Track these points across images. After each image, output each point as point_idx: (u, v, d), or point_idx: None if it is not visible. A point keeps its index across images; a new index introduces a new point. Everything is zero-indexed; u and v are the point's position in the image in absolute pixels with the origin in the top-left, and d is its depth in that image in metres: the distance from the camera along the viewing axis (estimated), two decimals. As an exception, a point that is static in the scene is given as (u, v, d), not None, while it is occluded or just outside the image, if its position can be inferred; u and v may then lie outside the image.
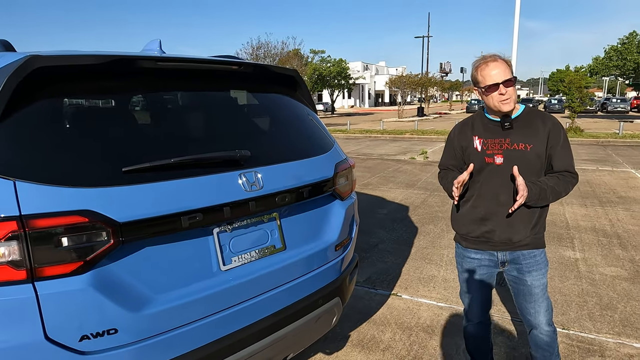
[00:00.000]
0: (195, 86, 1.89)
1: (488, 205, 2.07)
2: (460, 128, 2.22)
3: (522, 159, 1.99)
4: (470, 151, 2.10)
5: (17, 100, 1.43)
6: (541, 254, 2.13)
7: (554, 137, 2.02)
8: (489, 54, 2.02)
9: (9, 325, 1.31)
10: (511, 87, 1.96)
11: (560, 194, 2.02)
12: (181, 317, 1.56)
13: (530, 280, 2.10)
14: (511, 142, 2.01)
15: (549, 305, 2.15)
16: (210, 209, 1.61)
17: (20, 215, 1.30)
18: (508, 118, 2.03)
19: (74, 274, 1.36)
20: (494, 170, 2.04)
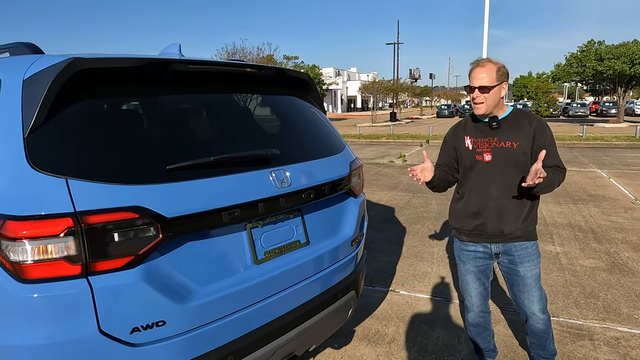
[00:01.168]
0: (223, 88, 1.96)
1: (479, 200, 2.21)
2: (454, 130, 2.36)
3: (509, 156, 2.13)
4: (462, 150, 2.25)
5: (62, 100, 1.47)
6: (532, 246, 2.25)
7: (540, 136, 2.15)
8: (483, 59, 2.17)
9: (65, 319, 1.34)
10: (486, 93, 2.09)
11: (555, 186, 2.16)
12: (221, 309, 1.62)
13: (523, 271, 2.24)
14: (499, 140, 2.16)
15: (542, 295, 2.29)
16: (246, 205, 1.69)
17: (75, 211, 1.34)
18: (495, 118, 2.17)
19: (125, 268, 1.41)
20: (484, 167, 2.18)
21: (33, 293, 1.32)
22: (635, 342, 2.91)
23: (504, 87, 2.16)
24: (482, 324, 2.48)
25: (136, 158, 1.53)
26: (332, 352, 2.87)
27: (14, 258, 1.32)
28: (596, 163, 11.09)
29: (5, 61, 1.87)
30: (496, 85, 2.10)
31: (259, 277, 1.76)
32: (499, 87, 2.12)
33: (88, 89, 1.54)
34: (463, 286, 2.44)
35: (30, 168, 1.37)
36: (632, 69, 25.65)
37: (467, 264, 2.36)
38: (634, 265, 4.25)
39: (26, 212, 1.32)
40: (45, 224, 1.32)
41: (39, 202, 1.34)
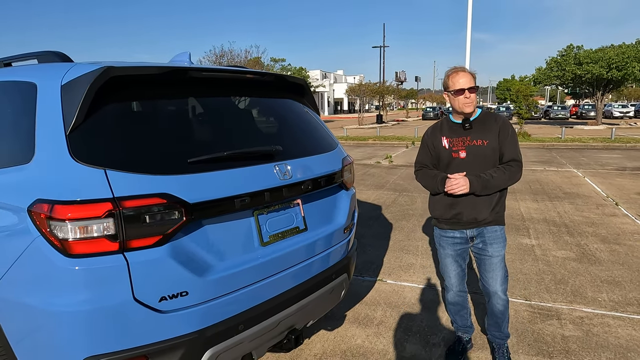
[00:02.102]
0: (232, 92, 2.22)
1: None
2: (432, 131, 2.65)
3: (481, 152, 2.44)
4: (440, 149, 2.54)
5: (97, 103, 1.71)
6: (501, 230, 2.57)
7: (503, 133, 2.46)
8: (459, 66, 2.50)
9: (105, 288, 1.59)
10: (474, 93, 2.44)
11: (507, 182, 2.43)
12: (234, 284, 1.88)
13: (491, 251, 2.54)
14: (471, 139, 2.46)
15: (505, 276, 2.57)
16: (254, 194, 1.95)
17: (113, 197, 1.59)
18: (468, 120, 2.47)
19: (155, 246, 1.66)
20: (460, 163, 2.48)
21: (78, 266, 1.56)
22: (597, 320, 3.24)
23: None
24: (461, 302, 2.76)
25: (162, 152, 1.78)
26: (325, 333, 3.14)
27: (62, 236, 1.55)
28: (573, 163, 11.58)
29: (37, 68, 2.10)
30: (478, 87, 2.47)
31: (265, 257, 2.02)
32: None
33: (119, 93, 1.79)
34: (443, 269, 2.73)
35: (73, 161, 1.61)
36: (609, 73, 26.54)
37: (447, 248, 2.65)
38: (601, 255, 4.61)
39: (73, 198, 1.56)
40: (89, 207, 1.56)
41: (83, 189, 1.58)
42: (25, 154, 1.77)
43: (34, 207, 1.60)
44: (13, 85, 2.08)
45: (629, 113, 39.05)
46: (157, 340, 1.69)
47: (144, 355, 1.68)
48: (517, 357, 2.78)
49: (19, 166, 1.78)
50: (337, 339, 3.05)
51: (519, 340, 2.99)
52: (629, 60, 25.92)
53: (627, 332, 3.07)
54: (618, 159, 12.27)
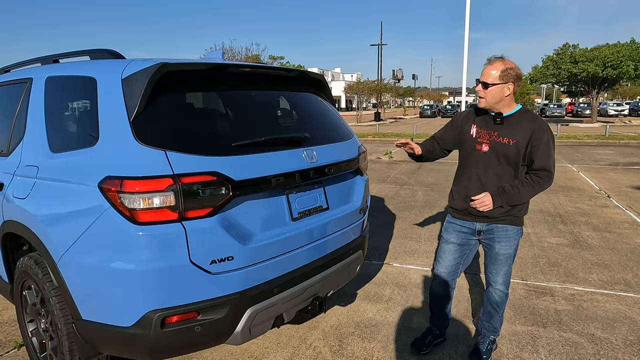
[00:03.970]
0: (263, 86, 2.50)
1: (472, 185, 2.44)
2: (467, 115, 2.56)
3: (503, 150, 2.32)
4: (467, 136, 2.47)
5: (155, 94, 1.99)
6: (514, 229, 2.44)
7: (537, 137, 2.28)
8: (499, 56, 2.32)
9: (167, 251, 1.86)
10: (486, 89, 2.28)
11: (534, 194, 2.35)
12: (269, 252, 2.16)
13: (498, 248, 2.47)
14: (498, 135, 2.33)
15: (508, 272, 2.52)
16: (287, 174, 2.23)
17: (173, 173, 1.87)
18: (500, 115, 2.34)
19: (207, 216, 1.94)
20: (481, 157, 2.39)
21: (144, 232, 1.83)
22: (587, 297, 3.55)
23: (509, 88, 2.27)
24: (444, 295, 2.69)
25: (211, 136, 2.06)
26: (339, 308, 3.43)
27: (131, 206, 1.83)
28: (568, 159, 11.93)
29: (93, 64, 2.37)
30: (497, 84, 2.26)
31: (295, 230, 2.30)
32: (501, 86, 2.26)
33: (172, 85, 2.06)
34: (438, 255, 2.68)
35: (137, 143, 1.89)
36: (605, 72, 26.93)
37: (451, 234, 2.60)
38: (593, 241, 4.93)
39: (139, 174, 1.84)
40: (153, 182, 1.84)
41: (148, 167, 1.85)
42: (88, 139, 2.05)
43: (105, 182, 1.88)
44: (70, 80, 2.35)
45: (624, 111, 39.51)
46: (207, 297, 1.97)
47: (196, 310, 1.96)
48: (514, 328, 3.08)
49: (83, 149, 2.06)
50: (350, 313, 3.34)
51: (516, 313, 3.29)
52: (624, 59, 26.32)
53: (614, 306, 3.38)
54: (612, 155, 12.62)
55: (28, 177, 2.33)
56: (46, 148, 2.30)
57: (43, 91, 2.49)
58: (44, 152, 2.31)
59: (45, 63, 2.87)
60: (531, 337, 2.95)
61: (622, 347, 2.81)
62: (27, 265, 2.35)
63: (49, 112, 2.40)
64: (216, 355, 2.78)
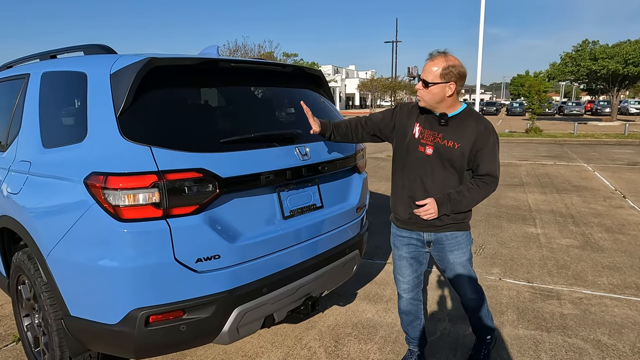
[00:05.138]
0: (256, 81, 2.45)
1: (414, 190, 2.22)
2: (411, 109, 2.29)
3: (448, 154, 2.13)
4: (409, 134, 2.22)
5: (142, 89, 1.96)
6: (463, 235, 2.29)
7: (482, 141, 2.11)
8: (442, 50, 2.11)
9: (151, 249, 1.84)
10: (425, 88, 2.07)
11: (480, 200, 2.20)
12: (259, 250, 2.12)
13: (452, 258, 2.29)
14: (442, 137, 2.14)
15: (471, 278, 2.34)
16: (277, 172, 2.18)
17: (158, 170, 1.84)
18: (445, 115, 2.14)
19: (192, 214, 1.90)
20: (424, 159, 2.18)
21: (128, 229, 1.81)
22: (595, 301, 3.43)
23: (451, 87, 2.06)
24: (413, 312, 2.49)
25: (198, 132, 2.02)
26: (338, 308, 3.38)
27: (115, 203, 1.81)
28: (584, 158, 11.63)
29: (85, 59, 2.36)
30: (438, 83, 2.04)
31: (286, 229, 2.26)
32: (442, 86, 2.05)
33: (160, 80, 2.03)
34: (395, 272, 2.47)
35: (123, 139, 1.86)
36: (626, 69, 26.22)
37: (401, 249, 2.39)
38: (604, 244, 4.77)
39: (124, 170, 1.81)
40: (137, 178, 1.81)
41: (132, 163, 1.83)
42: (77, 134, 2.03)
43: (90, 178, 1.86)
44: (64, 75, 2.34)
45: (646, 109, 38.46)
46: (193, 296, 1.94)
47: (182, 309, 1.93)
48: (516, 332, 2.99)
49: (73, 145, 2.04)
50: (348, 313, 3.29)
51: (519, 317, 3.19)
52: (646, 55, 25.57)
53: (623, 311, 3.25)
54: (630, 155, 12.27)
55: (21, 172, 2.34)
56: (39, 143, 2.30)
57: (38, 87, 2.49)
58: (37, 147, 2.31)
59: (44, 59, 2.88)
60: (534, 341, 2.86)
61: (630, 355, 2.70)
62: (21, 261, 2.36)
63: (43, 107, 2.40)
64: (210, 353, 2.76)
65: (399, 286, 2.49)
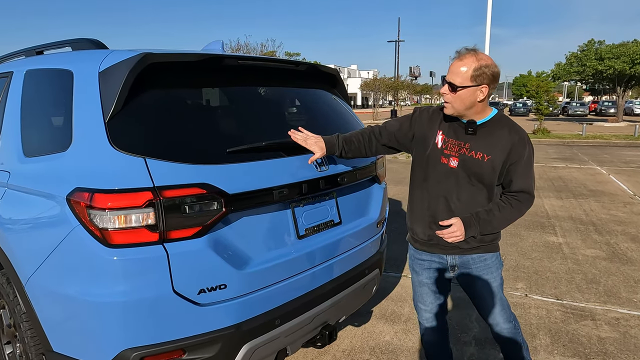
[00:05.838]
0: (267, 81, 2.16)
1: (436, 208, 1.94)
2: (432, 114, 2.00)
3: (476, 168, 1.86)
4: (430, 144, 1.94)
5: (136, 90, 1.67)
6: (492, 257, 2.01)
7: (517, 153, 1.85)
8: (471, 48, 1.81)
9: (145, 280, 1.55)
10: (453, 93, 1.79)
11: (513, 220, 1.95)
12: (271, 277, 1.83)
13: (481, 284, 2.00)
14: (470, 148, 1.86)
15: (504, 305, 2.04)
16: (292, 185, 1.89)
17: (154, 186, 1.55)
18: (473, 123, 1.87)
19: (194, 237, 1.61)
20: (448, 173, 1.90)
21: (118, 256, 1.52)
22: (634, 322, 3.13)
23: (482, 91, 1.79)
24: (439, 343, 2.22)
25: (201, 141, 1.73)
26: (353, 329, 3.09)
27: (102, 226, 1.52)
28: (596, 160, 11.32)
29: (72, 55, 2.07)
30: (468, 87, 1.77)
31: (301, 250, 1.97)
32: (473, 89, 1.77)
33: (157, 80, 1.75)
34: (416, 299, 2.18)
35: (113, 149, 1.57)
36: (633, 69, 25.87)
37: (421, 274, 2.11)
38: (633, 255, 4.47)
39: (112, 186, 1.52)
40: (129, 196, 1.52)
41: (123, 177, 1.54)
42: (62, 142, 1.75)
43: (74, 195, 1.57)
44: (48, 73, 2.06)
45: (651, 110, 38.08)
46: (194, 333, 1.65)
47: (181, 348, 1.65)
48: (552, 359, 2.70)
49: (56, 154, 1.76)
50: (365, 335, 3.00)
51: (554, 340, 2.90)
52: (653, 55, 25.23)
53: (667, 334, 2.96)
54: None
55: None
56: (20, 151, 2.01)
57: (21, 86, 2.20)
58: (17, 155, 2.02)
59: (29, 55, 2.59)
60: (573, 371, 2.57)
61: (683, 388, 2.41)
62: (0, 284, 2.07)
63: (26, 109, 2.11)
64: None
65: (421, 315, 2.20)
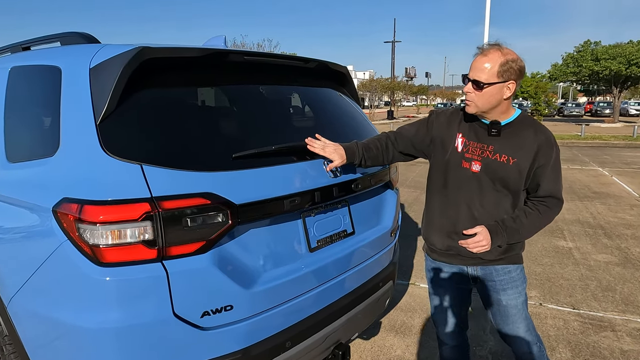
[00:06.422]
0: (275, 80, 1.99)
1: (458, 216, 1.81)
2: (450, 116, 1.89)
3: (501, 172, 1.73)
4: (450, 148, 1.82)
5: (131, 89, 1.49)
6: (517, 269, 1.86)
7: (544, 155, 1.72)
8: (494, 43, 1.69)
9: (142, 302, 1.37)
10: (478, 91, 1.66)
11: (539, 228, 1.82)
12: (281, 295, 1.66)
13: (505, 299, 1.84)
14: (494, 150, 1.74)
15: (529, 325, 1.88)
16: (304, 193, 1.72)
17: (151, 197, 1.37)
18: (497, 124, 1.74)
19: (197, 253, 1.44)
20: (470, 178, 1.77)
21: (112, 276, 1.34)
22: (656, 333, 2.98)
23: (510, 88, 1.68)
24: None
25: (204, 146, 1.56)
26: (362, 343, 2.92)
27: (93, 242, 1.34)
28: (597, 162, 11.22)
29: (61, 50, 1.89)
30: (495, 83, 1.64)
31: (313, 264, 1.79)
32: (499, 86, 1.65)
33: (155, 77, 1.57)
34: (434, 314, 2.05)
35: (105, 154, 1.39)
36: (629, 70, 25.90)
37: (439, 287, 1.98)
38: (646, 260, 4.34)
39: (105, 197, 1.34)
40: (123, 208, 1.34)
41: (117, 187, 1.36)
42: (48, 147, 1.57)
43: (61, 207, 1.39)
44: (34, 70, 1.87)
45: (646, 111, 38.24)
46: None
47: (183, 377, 1.47)
48: (574, 374, 2.54)
49: (42, 160, 1.58)
50: (374, 350, 2.83)
51: (575, 354, 2.74)
52: (649, 56, 25.28)
53: (693, 347, 2.81)
54: (643, 158, 11.88)
55: (-20, 192, 1.86)
56: (2, 156, 1.83)
57: (5, 85, 2.02)
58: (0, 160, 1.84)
59: (15, 51, 2.40)
60: (599, 389, 2.41)
61: None
62: (-19, 300, 1.88)
63: (9, 110, 1.93)
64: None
65: (440, 331, 2.06)
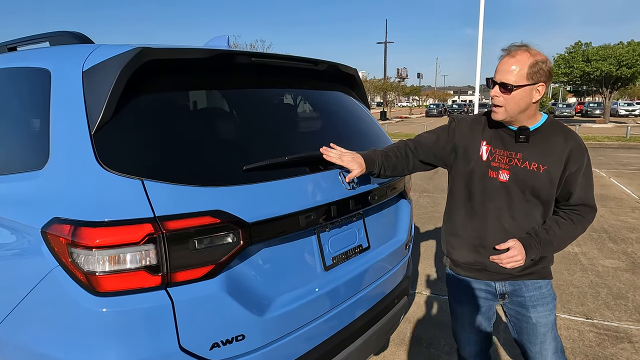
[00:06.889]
0: (283, 83, 1.84)
1: (486, 230, 1.69)
2: (472, 123, 1.76)
3: (531, 181, 1.63)
4: (474, 157, 1.70)
5: (130, 94, 1.34)
6: (547, 285, 1.76)
7: (576, 161, 1.62)
8: (520, 44, 1.59)
9: (145, 336, 1.22)
10: (507, 94, 1.56)
11: (573, 239, 1.73)
12: (297, 320, 1.51)
13: (536, 317, 1.73)
14: (523, 158, 1.63)
15: (557, 347, 1.76)
16: (320, 207, 1.58)
17: (154, 216, 1.21)
18: (526, 129, 1.63)
19: (205, 278, 1.29)
20: (497, 189, 1.66)
21: (109, 307, 1.19)
22: (674, 344, 2.88)
23: (539, 90, 1.58)
24: None
25: (211, 157, 1.41)
26: (371, 358, 2.77)
27: (88, 268, 1.18)
28: (593, 163, 11.05)
29: (50, 51, 1.73)
30: (524, 86, 1.54)
31: (329, 284, 1.65)
32: (529, 89, 1.55)
33: (157, 82, 1.41)
34: (457, 331, 1.92)
35: (101, 169, 1.24)
36: (619, 71, 26.15)
37: (463, 304, 1.85)
38: (655, 265, 4.26)
39: (102, 218, 1.19)
40: (123, 230, 1.19)
41: (115, 205, 1.21)
42: (36, 158, 1.40)
43: (51, 228, 1.23)
44: (21, 73, 1.71)
45: (635, 111, 38.70)
46: (205, 398, 1.32)
47: (190, 417, 1.32)
48: (595, 390, 2.43)
49: (29, 173, 1.41)
50: (385, 366, 2.69)
51: (594, 368, 2.63)
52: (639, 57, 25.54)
53: None
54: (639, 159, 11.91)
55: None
56: (-14, 168, 1.66)
57: (-11, 89, 1.85)
58: (-17, 173, 1.67)
59: (1, 52, 2.23)
60: (623, 407, 2.29)
61: None
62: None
63: (-6, 117, 1.76)
64: None
65: (463, 349, 1.93)
